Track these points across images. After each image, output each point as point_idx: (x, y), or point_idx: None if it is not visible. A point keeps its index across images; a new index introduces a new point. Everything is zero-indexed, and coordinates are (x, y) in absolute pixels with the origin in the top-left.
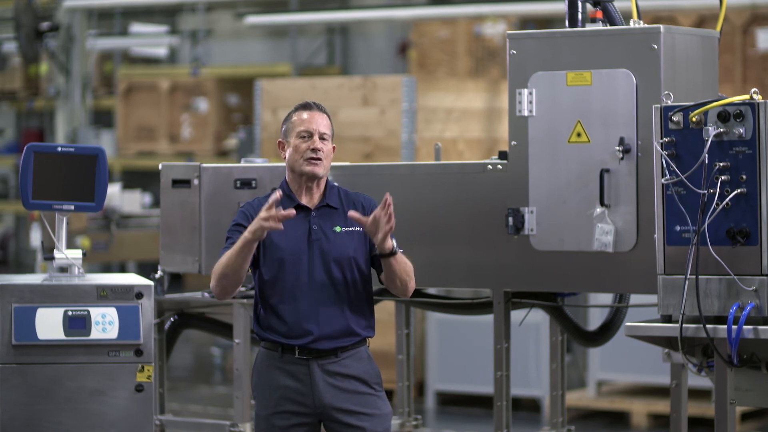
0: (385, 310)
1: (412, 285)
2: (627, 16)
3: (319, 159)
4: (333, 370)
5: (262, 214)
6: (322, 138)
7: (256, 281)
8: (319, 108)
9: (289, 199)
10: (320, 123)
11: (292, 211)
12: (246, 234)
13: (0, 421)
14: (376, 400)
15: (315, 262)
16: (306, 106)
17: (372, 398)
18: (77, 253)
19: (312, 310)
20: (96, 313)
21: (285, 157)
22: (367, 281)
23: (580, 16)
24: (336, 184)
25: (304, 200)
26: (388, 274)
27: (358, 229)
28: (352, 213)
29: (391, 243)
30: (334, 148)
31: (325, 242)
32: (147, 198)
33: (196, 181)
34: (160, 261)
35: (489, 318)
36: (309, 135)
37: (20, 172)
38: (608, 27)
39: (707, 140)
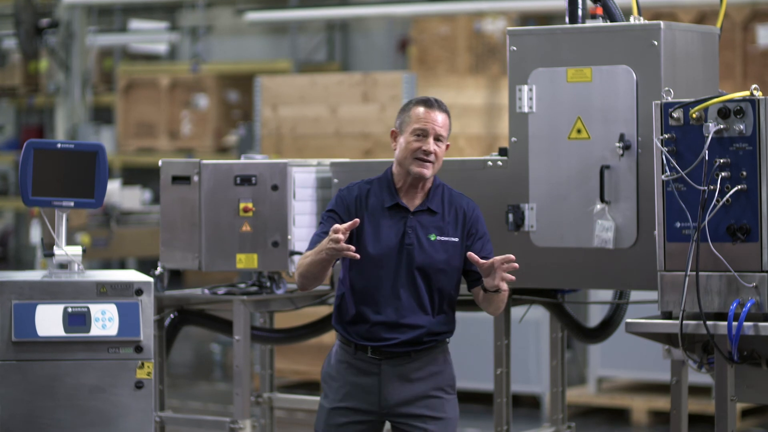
0: None
1: (503, 308)
2: (627, 13)
3: (431, 162)
4: (404, 371)
5: (330, 244)
6: (437, 139)
7: (343, 271)
8: (440, 106)
9: (390, 195)
10: (440, 123)
11: (356, 221)
12: (323, 253)
13: (0, 419)
14: (444, 403)
15: (403, 268)
16: (426, 102)
17: (440, 401)
18: (77, 250)
19: (393, 316)
20: (96, 309)
21: (395, 149)
22: (454, 291)
23: (580, 13)
24: (441, 181)
25: (404, 199)
26: (486, 301)
27: (453, 239)
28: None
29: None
30: (447, 146)
31: (417, 249)
32: (147, 194)
33: (196, 178)
34: (160, 257)
35: (489, 315)
36: (424, 134)
37: (20, 168)
38: (608, 23)
39: (707, 137)
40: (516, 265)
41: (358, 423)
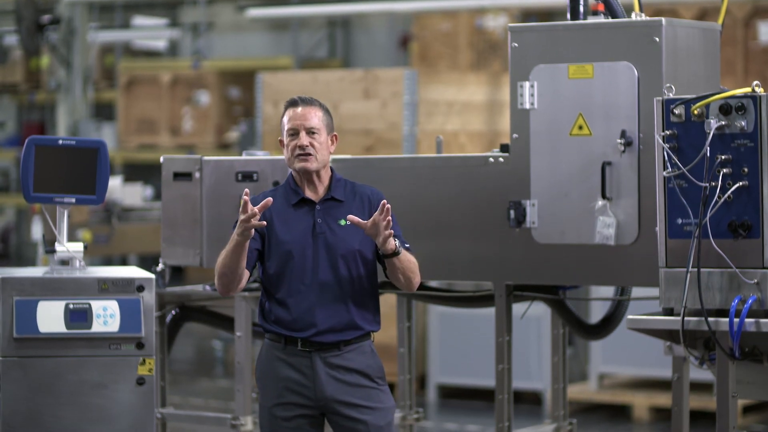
0: (386, 303)
1: (416, 280)
2: (629, 9)
3: (309, 154)
4: (335, 363)
5: (241, 216)
6: (310, 132)
7: (262, 274)
8: (306, 102)
9: (294, 193)
10: (307, 118)
11: (269, 200)
12: (235, 236)
13: (1, 415)
14: (379, 393)
15: (320, 255)
16: (293, 103)
17: (374, 392)
18: (78, 246)
19: (316, 304)
20: (97, 306)
21: (285, 155)
22: (373, 274)
23: (581, 9)
24: (342, 176)
25: (308, 194)
26: (391, 271)
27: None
28: (351, 217)
29: (394, 244)
30: (335, 137)
31: (330, 236)
32: (148, 191)
33: (197, 174)
34: (162, 254)
35: (490, 311)
36: (295, 133)
37: (21, 165)
38: (610, 20)
39: (709, 133)
40: (389, 206)
41: (300, 417)
